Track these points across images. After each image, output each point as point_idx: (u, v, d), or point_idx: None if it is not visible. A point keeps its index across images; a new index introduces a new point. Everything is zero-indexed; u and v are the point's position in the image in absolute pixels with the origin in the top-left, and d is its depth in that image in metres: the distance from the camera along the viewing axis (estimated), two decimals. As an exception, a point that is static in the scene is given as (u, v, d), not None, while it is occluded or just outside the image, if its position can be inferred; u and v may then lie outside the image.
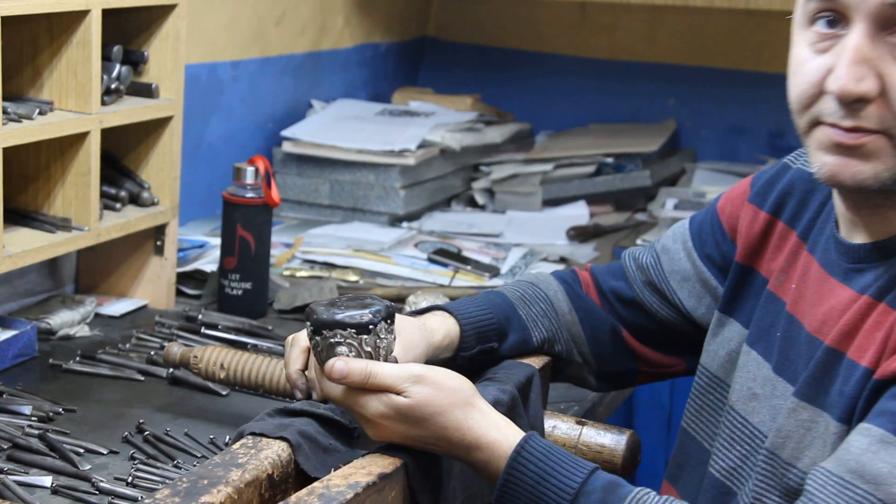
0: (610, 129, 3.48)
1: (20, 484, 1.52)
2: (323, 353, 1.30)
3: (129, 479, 1.56)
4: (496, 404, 1.41)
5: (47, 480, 1.54)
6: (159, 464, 1.62)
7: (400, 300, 2.29)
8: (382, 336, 1.31)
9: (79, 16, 1.93)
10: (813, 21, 1.22)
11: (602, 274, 1.66)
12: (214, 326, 2.13)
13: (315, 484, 1.22)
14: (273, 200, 2.24)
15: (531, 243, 2.84)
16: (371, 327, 1.29)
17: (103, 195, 2.09)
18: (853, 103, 1.18)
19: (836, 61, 1.19)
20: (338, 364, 1.27)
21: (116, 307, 2.22)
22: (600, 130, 3.49)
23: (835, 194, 1.33)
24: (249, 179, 2.23)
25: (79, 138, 1.98)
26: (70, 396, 1.83)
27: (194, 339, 2.07)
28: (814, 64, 1.21)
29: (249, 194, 2.22)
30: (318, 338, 1.30)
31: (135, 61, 2.15)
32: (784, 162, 1.49)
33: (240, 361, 1.70)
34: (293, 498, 1.19)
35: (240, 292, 2.23)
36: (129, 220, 2.11)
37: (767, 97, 3.38)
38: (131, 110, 2.08)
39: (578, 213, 3.09)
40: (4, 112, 1.84)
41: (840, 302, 1.29)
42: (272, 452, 1.29)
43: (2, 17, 1.78)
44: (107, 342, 2.06)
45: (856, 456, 1.14)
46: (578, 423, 1.57)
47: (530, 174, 3.16)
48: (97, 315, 2.17)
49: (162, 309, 2.24)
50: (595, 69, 3.65)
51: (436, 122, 3.12)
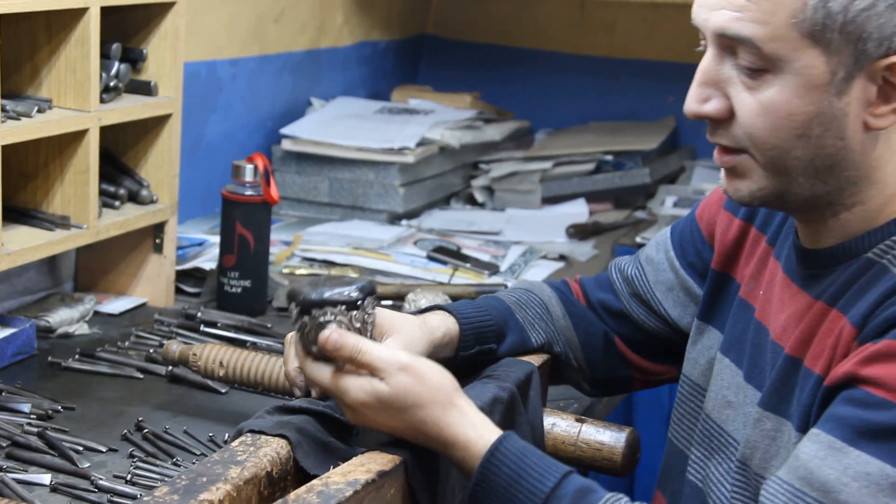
0: (609, 127, 3.48)
1: (19, 482, 1.52)
2: (311, 334, 1.30)
3: (128, 477, 1.56)
4: (495, 402, 1.41)
5: (46, 478, 1.54)
6: (158, 461, 1.62)
7: (399, 298, 2.29)
8: (369, 311, 1.32)
9: (77, 13, 1.93)
10: (703, 46, 1.26)
11: (590, 286, 1.67)
12: (213, 324, 2.12)
13: (314, 481, 1.22)
14: (272, 198, 2.24)
15: (530, 241, 2.84)
16: (359, 303, 1.31)
17: (102, 193, 2.09)
18: (711, 123, 1.24)
19: None
20: (333, 335, 1.28)
21: (115, 305, 2.22)
22: (600, 128, 3.49)
23: None
24: (248, 177, 2.22)
25: (77, 136, 1.97)
26: (69, 394, 1.82)
27: (193, 337, 2.06)
28: None
29: (248, 192, 2.22)
30: (307, 318, 1.29)
31: (134, 59, 2.15)
32: None
33: (239, 359, 1.70)
34: (292, 495, 1.19)
35: (239, 290, 2.23)
36: (129, 218, 2.11)
37: (767, 95, 3.37)
38: (130, 108, 2.08)
39: (578, 211, 3.09)
40: (3, 110, 1.83)
41: (799, 308, 1.29)
42: (271, 450, 1.29)
43: (0, 15, 1.77)
44: (106, 340, 2.06)
45: (804, 463, 1.15)
46: (578, 421, 1.57)
47: (530, 172, 3.16)
48: (96, 313, 2.17)
49: (161, 307, 2.24)
50: (594, 67, 3.65)
51: (435, 120, 3.12)
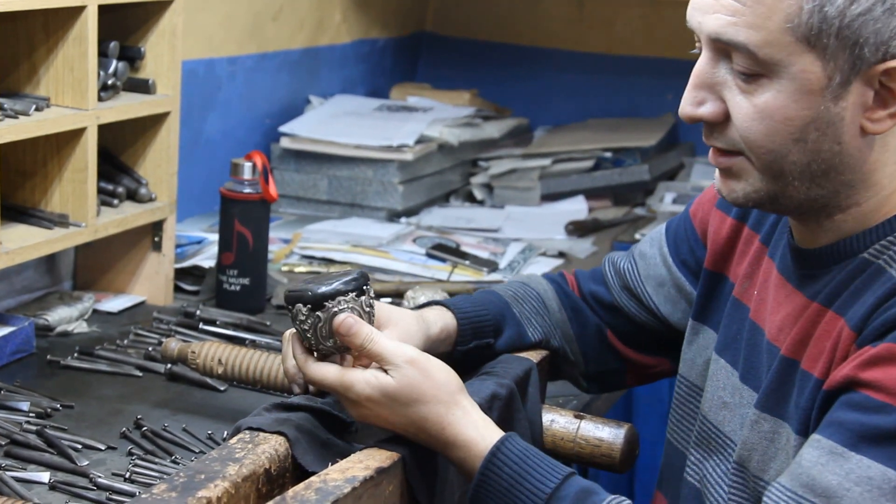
0: (608, 124, 3.48)
1: (18, 480, 1.52)
2: (325, 328, 1.31)
3: (127, 475, 1.55)
4: (494, 398, 1.41)
5: (45, 476, 1.54)
6: (157, 459, 1.62)
7: (398, 295, 2.29)
8: (372, 296, 1.35)
9: (75, 11, 1.93)
10: (698, 49, 1.26)
11: (584, 278, 1.67)
12: (212, 322, 2.12)
13: (312, 478, 1.22)
14: (271, 196, 2.24)
15: (530, 238, 2.84)
16: (364, 287, 1.33)
17: (100, 191, 2.09)
18: (706, 126, 1.23)
19: None
20: (349, 320, 1.29)
21: (114, 303, 2.22)
22: (599, 125, 3.48)
23: None
24: (247, 175, 2.22)
25: (75, 134, 1.97)
26: (68, 392, 1.82)
27: (192, 335, 2.06)
28: None
29: (247, 190, 2.22)
30: (320, 312, 1.31)
31: (131, 57, 2.15)
32: None
33: (238, 357, 1.70)
34: (290, 492, 1.19)
35: (238, 288, 2.23)
36: (127, 217, 2.11)
37: (765, 91, 3.37)
38: (128, 106, 2.08)
39: (577, 208, 3.09)
40: (1, 108, 1.83)
41: (795, 309, 1.29)
42: (269, 447, 1.29)
43: (-2, 13, 1.78)
44: (105, 338, 2.06)
45: (807, 469, 1.14)
46: (577, 417, 1.57)
47: (529, 169, 3.15)
48: (95, 311, 2.17)
49: (160, 305, 2.24)
50: (593, 64, 3.65)
51: (434, 118, 3.12)
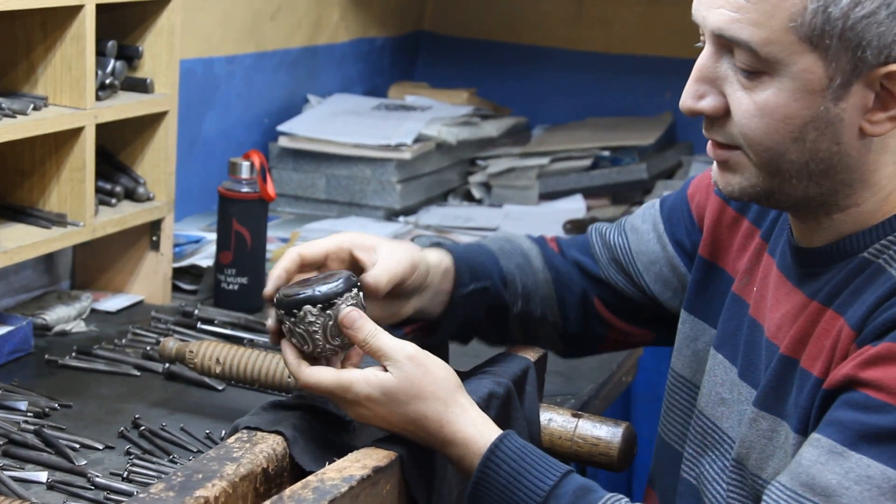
0: (606, 123, 3.48)
1: (16, 479, 1.52)
2: (336, 326, 1.32)
3: (125, 474, 1.56)
4: (491, 397, 1.41)
5: (43, 476, 1.54)
6: (155, 458, 1.62)
7: (396, 294, 2.29)
8: (362, 290, 1.37)
9: (73, 11, 1.93)
10: (702, 42, 1.25)
11: (567, 245, 1.63)
12: (210, 321, 2.12)
13: (310, 477, 1.22)
14: (269, 195, 2.24)
15: (528, 237, 2.83)
16: (358, 284, 1.35)
17: (98, 190, 2.09)
18: (706, 119, 1.23)
19: None
20: (353, 314, 1.31)
21: (112, 303, 2.22)
22: (597, 124, 3.48)
23: None
24: (245, 174, 2.22)
25: (73, 134, 1.97)
26: (66, 392, 1.82)
27: (190, 334, 2.06)
28: None
29: (245, 189, 2.22)
30: (331, 311, 1.31)
31: (129, 56, 2.15)
32: None
33: (235, 356, 1.71)
34: (287, 492, 1.19)
35: (236, 287, 2.23)
36: (125, 216, 2.11)
37: (764, 90, 3.37)
38: (126, 105, 2.08)
39: (575, 207, 3.08)
40: (-1, 108, 1.84)
41: (794, 307, 1.28)
42: (267, 446, 1.30)
43: (-5, 13, 1.78)
44: (103, 338, 2.06)
45: (806, 468, 1.15)
46: (574, 416, 1.57)
47: (527, 168, 3.15)
48: (93, 311, 2.17)
49: (158, 304, 2.24)
50: (591, 63, 3.65)
51: (432, 117, 3.12)
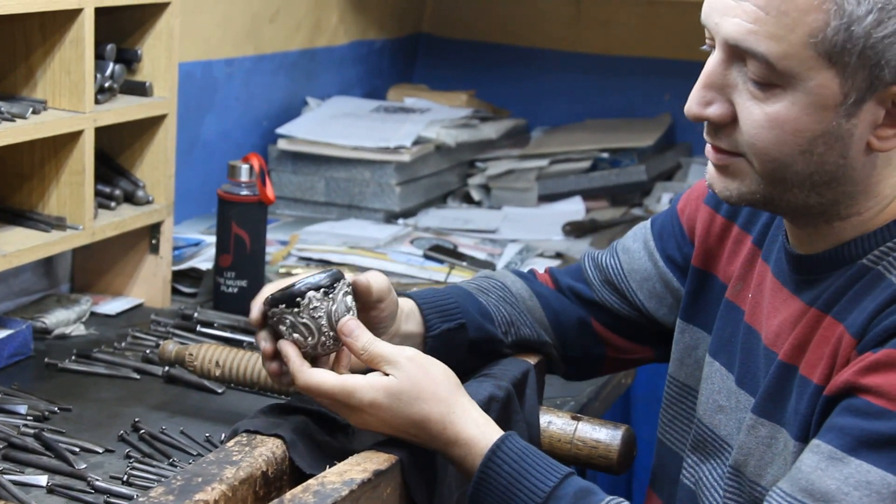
0: (605, 125, 3.48)
1: (16, 483, 1.52)
2: (339, 309, 1.34)
3: (125, 478, 1.56)
4: (491, 400, 1.41)
5: (43, 479, 1.54)
6: (155, 462, 1.62)
7: (396, 297, 2.29)
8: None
9: (72, 14, 1.93)
10: (708, 46, 1.25)
11: (560, 274, 1.65)
12: (210, 324, 2.12)
13: (310, 481, 1.22)
14: (268, 198, 2.24)
15: (527, 239, 2.84)
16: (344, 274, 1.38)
17: (98, 194, 2.09)
18: (710, 124, 1.24)
19: None
20: (350, 323, 1.33)
21: (112, 306, 2.22)
22: (596, 126, 3.49)
23: None
24: (244, 177, 2.22)
25: (73, 137, 1.97)
26: (66, 395, 1.82)
27: (190, 338, 2.06)
28: None
29: (244, 192, 2.22)
30: (332, 295, 1.34)
31: (128, 59, 2.15)
32: None
33: (235, 359, 1.71)
34: (288, 495, 1.19)
35: (235, 290, 2.23)
36: (124, 219, 2.11)
37: (762, 91, 3.37)
38: (125, 109, 2.08)
39: (574, 209, 3.09)
40: (-2, 111, 1.84)
41: (792, 314, 1.28)
42: (267, 450, 1.30)
43: (-6, 16, 1.78)
44: (102, 341, 2.06)
45: (806, 474, 1.15)
46: (574, 419, 1.57)
47: (526, 170, 3.15)
48: (93, 314, 2.17)
49: (157, 307, 2.24)
50: (590, 64, 3.65)
51: (431, 119, 3.12)
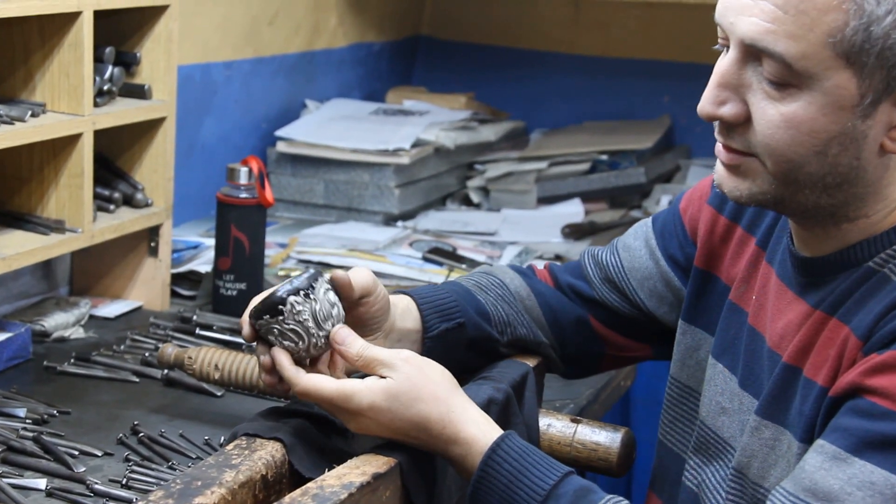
0: (604, 127, 3.48)
1: (15, 486, 1.52)
2: (323, 309, 1.34)
3: (124, 481, 1.55)
4: (490, 402, 1.41)
5: (42, 483, 1.54)
6: (154, 465, 1.62)
7: (395, 299, 2.29)
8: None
9: (70, 17, 1.93)
10: (720, 46, 1.25)
11: (559, 271, 1.65)
12: (209, 327, 2.12)
13: (309, 484, 1.22)
14: (267, 201, 2.24)
15: (526, 241, 2.84)
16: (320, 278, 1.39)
17: (97, 197, 2.09)
18: (723, 124, 1.23)
19: None
20: (342, 331, 1.33)
21: (111, 309, 2.21)
22: (595, 128, 3.49)
23: None
24: (243, 180, 2.22)
25: (71, 140, 1.97)
26: (64, 398, 1.82)
27: (189, 340, 2.06)
28: None
29: (243, 195, 2.22)
30: (313, 295, 1.34)
31: (127, 62, 2.15)
32: None
33: (234, 362, 1.70)
34: (287, 499, 1.19)
35: (234, 293, 2.22)
36: (123, 222, 2.11)
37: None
38: (124, 112, 2.08)
39: (573, 211, 3.08)
40: (-4, 114, 1.84)
41: (797, 316, 1.28)
42: (266, 453, 1.30)
43: (-7, 20, 1.78)
44: (101, 344, 2.06)
45: (810, 474, 1.15)
46: (573, 422, 1.57)
47: (525, 172, 3.15)
48: (91, 317, 2.17)
49: (156, 310, 2.24)
50: (589, 66, 3.65)
51: (430, 121, 3.12)
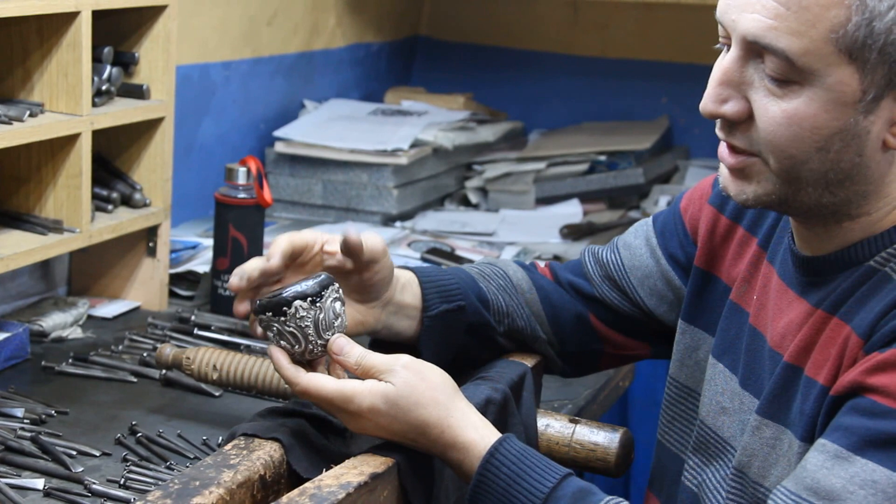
0: (603, 127, 3.48)
1: (12, 486, 1.52)
2: (326, 318, 1.34)
3: (122, 481, 1.55)
4: (488, 403, 1.41)
5: (39, 483, 1.54)
6: (152, 465, 1.61)
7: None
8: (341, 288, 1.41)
9: (69, 17, 1.93)
10: (721, 44, 1.25)
11: (560, 269, 1.65)
12: (207, 327, 2.12)
13: (307, 484, 1.22)
14: (265, 201, 2.24)
15: (525, 242, 2.84)
16: (336, 283, 1.38)
17: (95, 197, 2.09)
18: (725, 122, 1.22)
19: None
20: (340, 340, 1.33)
21: (109, 309, 2.21)
22: (593, 128, 3.49)
23: None
24: (241, 180, 2.22)
25: (70, 140, 1.97)
26: (62, 399, 1.82)
27: (187, 341, 2.06)
28: None
29: (241, 195, 2.22)
30: (319, 304, 1.34)
31: (125, 62, 2.15)
32: None
33: (232, 362, 1.71)
34: (284, 499, 1.19)
35: (232, 293, 2.22)
36: (121, 222, 2.11)
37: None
38: (122, 112, 2.08)
39: (572, 212, 3.09)
40: (-5, 114, 1.84)
41: (798, 316, 1.28)
42: (264, 453, 1.30)
43: (-9, 19, 1.78)
44: (99, 344, 2.06)
45: (811, 473, 1.15)
46: (572, 422, 1.57)
47: (523, 173, 3.16)
48: (90, 317, 2.17)
49: (154, 310, 2.24)
50: (587, 67, 3.65)
51: (428, 122, 3.12)
